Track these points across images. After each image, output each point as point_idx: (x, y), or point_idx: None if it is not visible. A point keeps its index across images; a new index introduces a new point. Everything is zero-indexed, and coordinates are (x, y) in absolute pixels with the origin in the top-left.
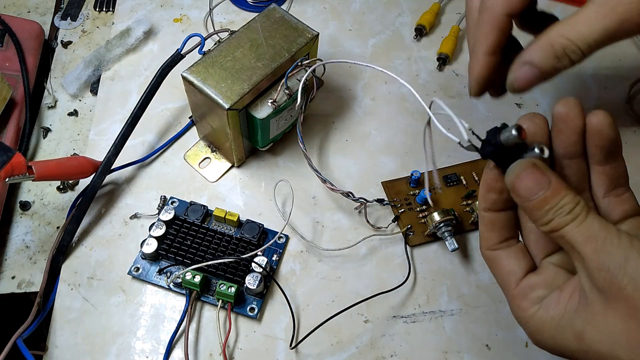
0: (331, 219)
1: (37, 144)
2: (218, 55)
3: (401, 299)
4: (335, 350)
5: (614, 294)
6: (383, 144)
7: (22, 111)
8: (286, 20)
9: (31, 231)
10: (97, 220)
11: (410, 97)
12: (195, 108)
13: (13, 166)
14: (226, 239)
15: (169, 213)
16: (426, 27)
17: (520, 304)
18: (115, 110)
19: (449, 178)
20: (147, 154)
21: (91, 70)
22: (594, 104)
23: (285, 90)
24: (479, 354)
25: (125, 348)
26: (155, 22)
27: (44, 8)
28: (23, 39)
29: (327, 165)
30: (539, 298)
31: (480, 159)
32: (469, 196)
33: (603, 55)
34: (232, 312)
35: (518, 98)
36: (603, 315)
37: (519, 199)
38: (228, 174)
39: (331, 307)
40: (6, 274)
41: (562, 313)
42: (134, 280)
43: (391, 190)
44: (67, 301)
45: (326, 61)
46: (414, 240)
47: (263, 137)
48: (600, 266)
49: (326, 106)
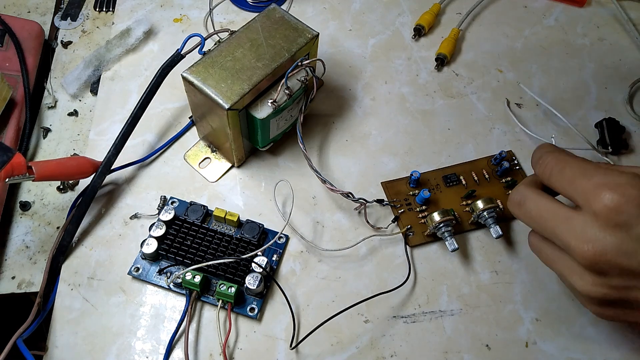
0: (331, 219)
1: (37, 144)
2: (218, 55)
3: (401, 299)
4: (335, 350)
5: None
6: (383, 144)
7: (22, 111)
8: (286, 20)
9: (31, 231)
10: (97, 220)
11: (410, 97)
12: (195, 108)
13: (13, 166)
14: (226, 239)
15: (169, 213)
16: (425, 27)
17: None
18: (115, 110)
19: (448, 178)
20: (147, 154)
21: (91, 70)
22: (594, 104)
23: (285, 90)
24: (479, 354)
25: (125, 348)
26: (155, 22)
27: (44, 8)
28: (23, 39)
29: (327, 166)
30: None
31: (479, 159)
32: (469, 196)
33: (603, 55)
34: (232, 312)
35: (518, 98)
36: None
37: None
38: (228, 174)
39: (331, 307)
40: (6, 274)
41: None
42: (134, 281)
43: (391, 191)
44: (67, 301)
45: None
46: (414, 240)
47: (263, 137)
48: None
49: (326, 106)
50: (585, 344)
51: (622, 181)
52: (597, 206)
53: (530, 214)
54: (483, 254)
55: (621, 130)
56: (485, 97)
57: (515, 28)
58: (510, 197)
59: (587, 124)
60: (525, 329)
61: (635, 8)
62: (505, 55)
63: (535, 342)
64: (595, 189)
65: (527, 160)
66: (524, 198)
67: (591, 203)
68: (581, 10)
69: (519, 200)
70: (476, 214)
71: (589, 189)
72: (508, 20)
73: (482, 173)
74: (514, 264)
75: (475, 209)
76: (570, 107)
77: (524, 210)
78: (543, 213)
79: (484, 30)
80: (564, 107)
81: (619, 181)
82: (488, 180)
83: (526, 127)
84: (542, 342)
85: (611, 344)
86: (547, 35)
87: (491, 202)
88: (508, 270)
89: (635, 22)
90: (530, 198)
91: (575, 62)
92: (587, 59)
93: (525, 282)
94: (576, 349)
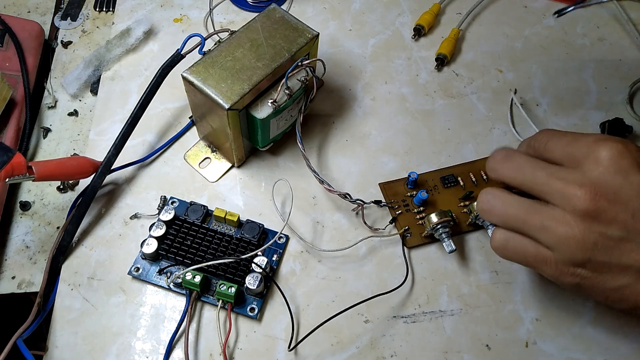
0: (331, 219)
1: (37, 144)
2: (218, 55)
3: (401, 299)
4: (335, 350)
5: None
6: (383, 144)
7: (22, 111)
8: (286, 20)
9: (31, 231)
10: (97, 220)
11: (410, 97)
12: (195, 108)
13: (13, 166)
14: (226, 239)
15: (169, 213)
16: (425, 27)
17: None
18: (115, 110)
19: (446, 179)
20: (147, 154)
21: (91, 70)
22: (594, 104)
23: (285, 90)
24: (479, 354)
25: (125, 348)
26: (156, 22)
27: (44, 8)
28: (23, 39)
29: (327, 166)
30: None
31: (477, 160)
32: (467, 197)
33: (603, 55)
34: (232, 312)
35: (519, 98)
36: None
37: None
38: (228, 174)
39: (331, 307)
40: (6, 274)
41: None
42: (134, 281)
43: (388, 192)
44: (67, 301)
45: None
46: (412, 241)
47: (263, 137)
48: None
49: (326, 106)
50: (585, 344)
51: (619, 138)
52: (600, 153)
53: (519, 168)
54: (483, 254)
55: (628, 129)
56: (485, 97)
57: (515, 28)
58: (492, 156)
59: (587, 124)
60: (525, 329)
61: (635, 8)
62: (505, 55)
63: (535, 342)
64: (598, 140)
65: None
66: (510, 155)
67: (595, 151)
68: (581, 10)
69: (504, 157)
70: (474, 214)
71: (590, 141)
72: (508, 20)
73: (480, 174)
74: (514, 264)
75: (473, 209)
76: (570, 107)
77: (512, 165)
78: (536, 169)
79: (484, 30)
80: (564, 107)
81: (617, 137)
82: (486, 182)
83: (526, 127)
84: (542, 342)
85: (611, 344)
86: (547, 35)
87: None
88: (508, 270)
89: (635, 22)
90: (518, 154)
91: (575, 62)
92: (587, 59)
93: (525, 282)
94: (576, 349)
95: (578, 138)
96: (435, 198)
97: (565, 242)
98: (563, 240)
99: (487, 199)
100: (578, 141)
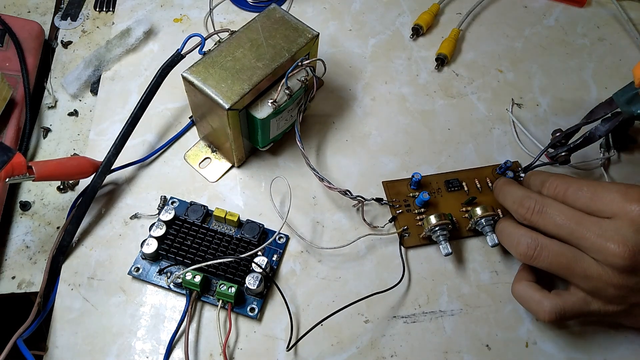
0: (331, 219)
1: (37, 144)
2: (218, 55)
3: (401, 299)
4: (335, 350)
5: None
6: (383, 144)
7: (22, 111)
8: (286, 20)
9: (31, 231)
10: (97, 220)
11: (411, 97)
12: (195, 108)
13: (13, 166)
14: (226, 239)
15: (169, 213)
16: (423, 27)
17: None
18: (115, 110)
19: (450, 183)
20: (147, 154)
21: (91, 70)
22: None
23: (285, 90)
24: (479, 354)
25: (125, 348)
26: (156, 22)
27: (44, 8)
28: (23, 39)
29: (327, 165)
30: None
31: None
32: (469, 203)
33: (603, 55)
34: (233, 312)
35: (519, 98)
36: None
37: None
38: (228, 174)
39: (331, 307)
40: (6, 274)
41: None
42: (134, 281)
43: (391, 191)
44: (67, 301)
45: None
46: (409, 241)
47: (263, 137)
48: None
49: (326, 106)
50: (585, 344)
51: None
52: (633, 213)
53: (554, 219)
54: (483, 254)
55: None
56: (485, 97)
57: (515, 28)
58: (523, 204)
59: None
60: (525, 329)
61: (635, 8)
62: (505, 55)
63: (535, 342)
64: (626, 199)
65: (527, 161)
66: (543, 205)
67: (626, 209)
68: (581, 10)
69: (539, 208)
70: (474, 220)
71: (617, 199)
72: (508, 20)
73: (486, 181)
74: (514, 264)
75: (474, 215)
76: (570, 107)
77: (546, 216)
78: (570, 218)
79: (484, 30)
80: (564, 107)
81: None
82: (491, 189)
83: (526, 127)
84: (542, 342)
85: (611, 344)
86: (547, 35)
87: (491, 210)
88: (508, 270)
89: (635, 22)
90: (551, 204)
91: (575, 62)
92: (587, 59)
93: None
94: (576, 349)
95: (600, 193)
96: (437, 200)
97: (604, 289)
98: (602, 288)
99: (532, 245)
100: (602, 198)
